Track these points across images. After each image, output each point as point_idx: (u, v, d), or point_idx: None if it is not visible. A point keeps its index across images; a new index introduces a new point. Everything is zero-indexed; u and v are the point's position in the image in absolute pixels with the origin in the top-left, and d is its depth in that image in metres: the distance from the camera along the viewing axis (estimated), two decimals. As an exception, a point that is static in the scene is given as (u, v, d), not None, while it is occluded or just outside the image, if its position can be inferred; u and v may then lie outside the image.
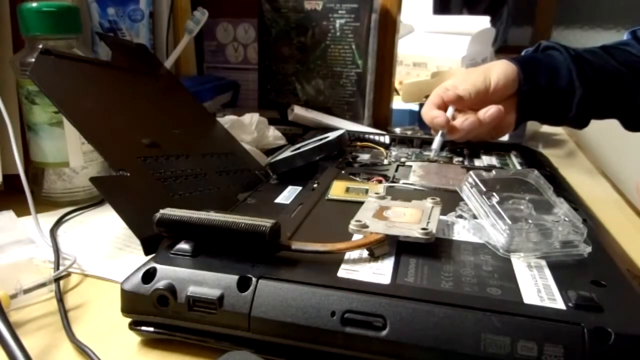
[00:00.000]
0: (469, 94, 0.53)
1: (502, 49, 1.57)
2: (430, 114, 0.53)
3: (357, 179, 0.44)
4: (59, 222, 0.41)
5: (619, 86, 0.54)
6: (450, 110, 0.53)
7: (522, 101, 0.54)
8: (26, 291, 0.29)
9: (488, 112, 0.51)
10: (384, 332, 0.23)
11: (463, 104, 0.53)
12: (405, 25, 1.16)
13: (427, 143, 0.55)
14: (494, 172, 0.36)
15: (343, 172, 0.45)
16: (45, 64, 0.38)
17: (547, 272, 0.27)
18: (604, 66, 0.54)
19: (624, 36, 0.59)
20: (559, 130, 0.79)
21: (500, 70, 0.54)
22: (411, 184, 0.42)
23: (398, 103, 0.76)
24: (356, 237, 0.29)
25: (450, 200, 0.36)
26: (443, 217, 0.33)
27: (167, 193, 0.36)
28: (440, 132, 0.52)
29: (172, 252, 0.28)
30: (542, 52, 0.58)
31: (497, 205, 0.31)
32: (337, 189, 0.40)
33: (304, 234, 0.31)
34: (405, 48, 1.07)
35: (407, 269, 0.27)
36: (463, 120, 0.52)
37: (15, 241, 0.37)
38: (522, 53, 0.60)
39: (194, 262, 0.27)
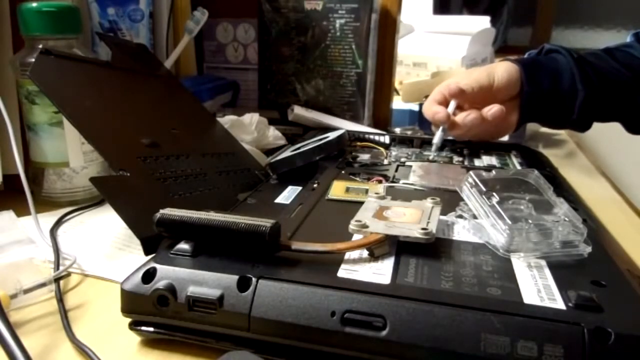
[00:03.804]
0: (472, 88, 0.53)
1: (502, 49, 1.57)
2: (432, 109, 0.53)
3: (357, 179, 0.44)
4: (59, 222, 0.41)
5: (622, 89, 0.54)
6: (452, 105, 0.53)
7: (524, 103, 0.54)
8: (26, 291, 0.29)
9: (491, 110, 0.52)
10: (384, 332, 0.23)
11: (465, 97, 0.53)
12: (405, 25, 1.16)
13: (427, 143, 0.55)
14: (494, 172, 0.36)
15: (343, 172, 0.45)
16: (45, 64, 0.38)
17: (547, 272, 0.27)
18: (607, 69, 0.54)
19: (627, 38, 0.59)
20: (559, 131, 0.79)
21: (503, 69, 0.54)
22: (411, 184, 0.42)
23: (398, 103, 0.76)
24: (356, 237, 0.29)
25: (450, 200, 0.36)
26: (443, 217, 0.33)
27: (167, 193, 0.36)
28: (441, 128, 0.52)
29: (172, 252, 0.28)
30: (545, 55, 0.58)
31: (497, 205, 0.31)
32: (337, 189, 0.40)
33: (304, 234, 0.31)
34: (405, 48, 1.07)
35: (407, 269, 0.27)
36: (465, 116, 0.52)
37: (15, 241, 0.37)
38: (525, 55, 0.60)
39: (194, 262, 0.27)
